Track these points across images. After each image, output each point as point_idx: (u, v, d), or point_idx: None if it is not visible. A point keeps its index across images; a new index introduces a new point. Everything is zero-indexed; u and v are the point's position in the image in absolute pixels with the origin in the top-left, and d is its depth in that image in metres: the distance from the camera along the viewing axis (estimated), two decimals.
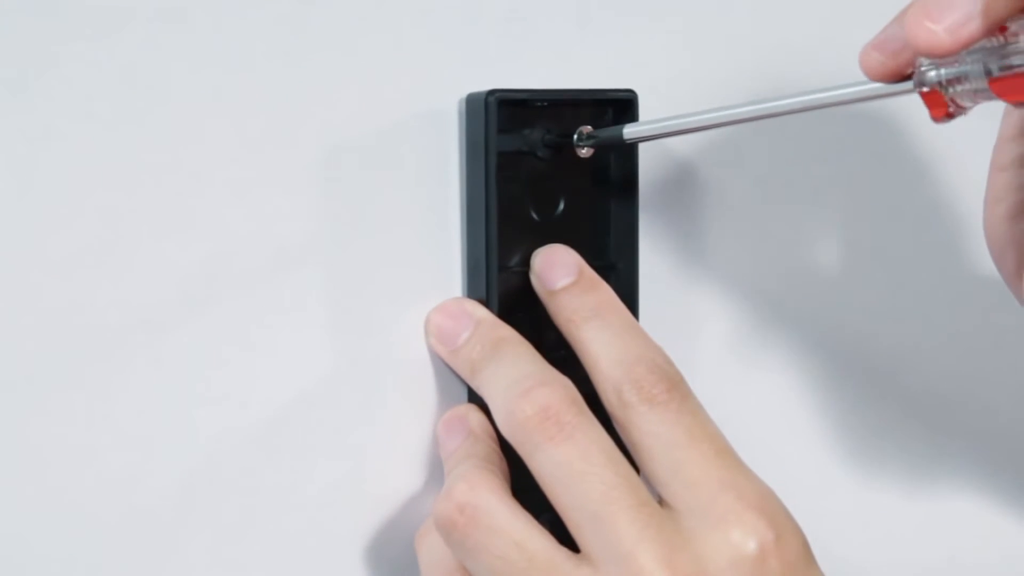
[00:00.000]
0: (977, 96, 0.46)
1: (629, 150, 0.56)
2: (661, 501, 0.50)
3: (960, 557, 0.66)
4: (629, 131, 0.54)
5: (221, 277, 0.52)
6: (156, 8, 0.50)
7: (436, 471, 0.55)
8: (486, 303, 0.55)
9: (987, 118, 0.55)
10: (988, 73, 0.45)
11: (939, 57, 0.46)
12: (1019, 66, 0.44)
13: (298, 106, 0.52)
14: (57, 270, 0.50)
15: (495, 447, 0.53)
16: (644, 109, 0.56)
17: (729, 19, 0.59)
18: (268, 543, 0.53)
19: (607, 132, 0.55)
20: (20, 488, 0.50)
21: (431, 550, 0.52)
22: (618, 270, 0.57)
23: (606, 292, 0.54)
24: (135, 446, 0.51)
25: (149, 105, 0.50)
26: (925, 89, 0.46)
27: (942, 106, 0.46)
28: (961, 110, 0.46)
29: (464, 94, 0.54)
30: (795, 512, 0.50)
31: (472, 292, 0.55)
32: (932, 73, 0.46)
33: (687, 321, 0.59)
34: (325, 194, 0.53)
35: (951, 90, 0.46)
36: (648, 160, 0.57)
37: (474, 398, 0.55)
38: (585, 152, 0.56)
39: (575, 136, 0.55)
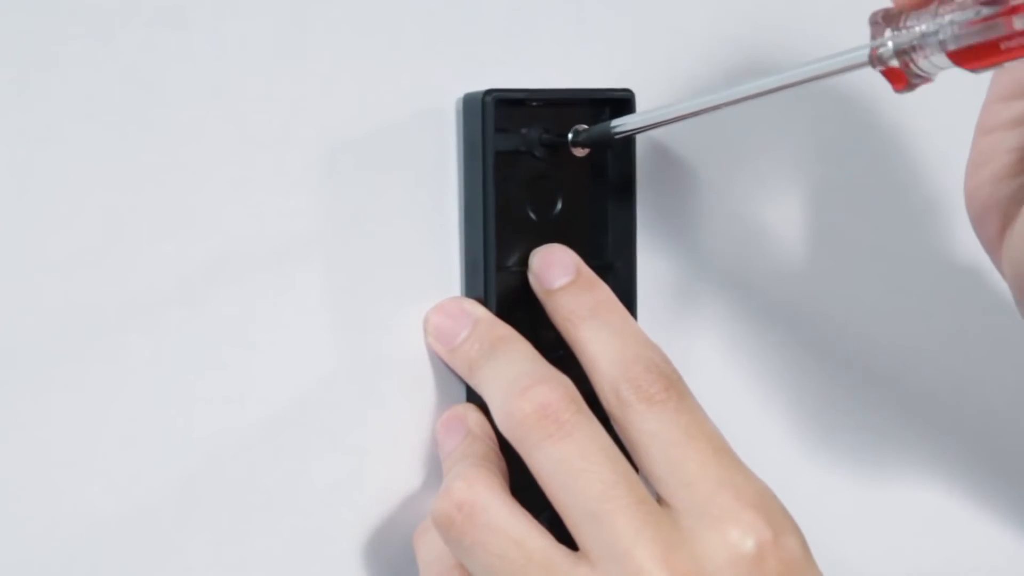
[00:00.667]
0: (934, 64, 0.46)
1: (625, 149, 0.56)
2: (659, 500, 0.50)
3: (960, 557, 0.66)
4: (617, 125, 0.54)
5: (220, 277, 0.52)
6: (156, 8, 0.50)
7: (435, 470, 0.55)
8: (484, 303, 0.55)
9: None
10: (943, 45, 0.45)
11: (909, 9, 0.46)
12: (973, 35, 0.45)
13: (297, 106, 0.53)
14: (57, 270, 0.50)
15: (493, 446, 0.53)
16: (642, 109, 0.56)
17: (728, 19, 0.59)
18: (268, 543, 0.53)
19: (597, 128, 0.55)
20: (20, 488, 0.50)
21: (429, 548, 0.52)
22: (616, 269, 0.57)
23: (604, 291, 0.54)
24: (135, 446, 0.51)
25: (149, 105, 0.51)
26: (886, 61, 0.47)
27: (901, 80, 0.47)
28: (924, 80, 0.47)
29: (462, 93, 0.55)
30: (793, 511, 0.50)
31: (470, 292, 0.55)
32: (884, 49, 0.46)
33: (685, 320, 0.60)
34: (323, 194, 0.53)
35: (910, 60, 0.46)
36: (646, 160, 0.58)
37: (473, 397, 0.55)
38: (581, 151, 0.56)
39: (570, 136, 0.56)
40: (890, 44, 0.46)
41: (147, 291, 0.51)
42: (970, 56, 0.45)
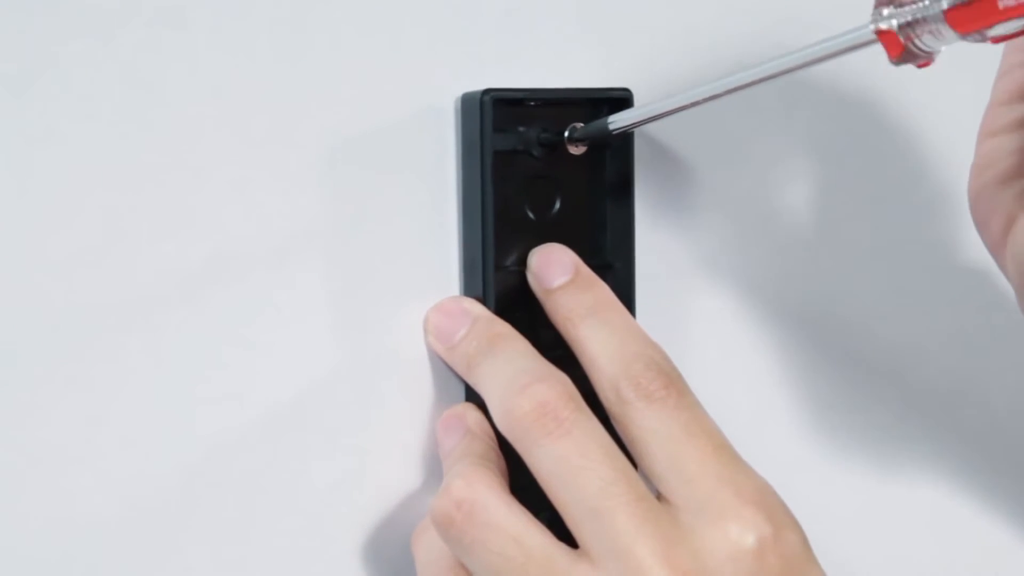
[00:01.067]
0: (936, 36, 0.46)
1: (624, 147, 0.56)
2: (659, 497, 0.50)
3: (962, 556, 0.66)
4: (614, 120, 0.54)
5: (220, 277, 0.52)
6: (156, 8, 0.51)
7: (435, 470, 0.55)
8: (483, 302, 0.55)
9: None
10: (940, 4, 0.45)
11: None
12: None
13: (296, 106, 0.53)
14: (57, 270, 0.50)
15: (493, 445, 0.53)
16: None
17: (729, 19, 0.60)
18: (267, 543, 0.53)
19: (594, 125, 0.55)
20: (20, 488, 0.50)
21: (428, 548, 0.52)
22: (615, 269, 0.57)
23: (603, 290, 0.54)
24: (135, 446, 0.51)
25: (149, 105, 0.51)
26: (882, 27, 0.47)
27: (897, 46, 0.47)
28: (925, 56, 0.47)
29: (460, 93, 0.55)
30: (793, 509, 0.50)
31: (469, 292, 0.55)
32: (886, 11, 0.47)
33: (684, 319, 0.60)
34: (322, 193, 0.53)
35: (912, 35, 0.46)
36: (644, 158, 0.58)
37: (472, 397, 0.55)
38: (578, 149, 0.56)
39: (567, 133, 0.56)
40: (894, 21, 0.46)
41: (147, 291, 0.51)
42: (968, 16, 0.45)
